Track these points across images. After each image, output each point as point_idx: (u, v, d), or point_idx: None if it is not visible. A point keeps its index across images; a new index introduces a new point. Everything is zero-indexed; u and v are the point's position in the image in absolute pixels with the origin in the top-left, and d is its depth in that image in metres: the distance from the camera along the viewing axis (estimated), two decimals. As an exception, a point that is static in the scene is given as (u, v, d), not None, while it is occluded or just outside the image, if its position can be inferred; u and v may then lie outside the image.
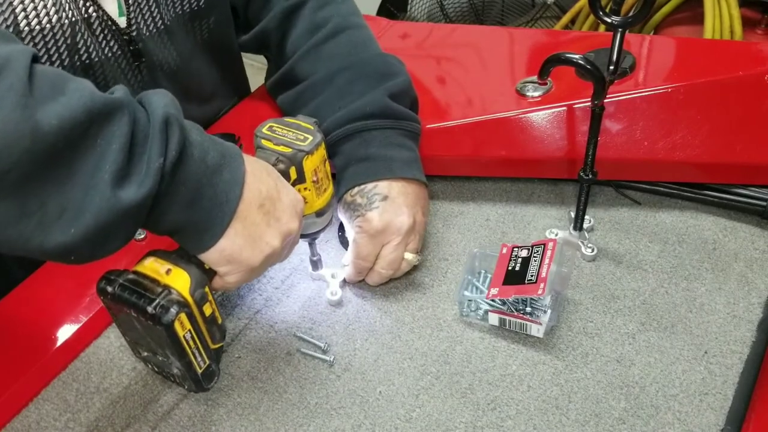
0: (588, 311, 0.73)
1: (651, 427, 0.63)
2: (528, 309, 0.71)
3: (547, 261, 0.70)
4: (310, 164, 0.66)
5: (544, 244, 0.72)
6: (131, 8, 0.77)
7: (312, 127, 0.68)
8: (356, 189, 0.76)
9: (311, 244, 0.76)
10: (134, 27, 0.78)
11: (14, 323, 0.71)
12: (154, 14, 0.79)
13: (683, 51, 0.92)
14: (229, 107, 0.99)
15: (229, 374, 0.70)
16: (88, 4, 0.73)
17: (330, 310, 0.76)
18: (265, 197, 0.60)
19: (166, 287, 0.58)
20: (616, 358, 0.69)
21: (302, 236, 0.71)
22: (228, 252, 0.59)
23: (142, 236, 0.76)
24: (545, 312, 0.70)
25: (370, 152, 0.77)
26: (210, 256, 0.59)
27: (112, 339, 0.71)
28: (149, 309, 0.56)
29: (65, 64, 0.73)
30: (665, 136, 0.81)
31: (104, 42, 0.76)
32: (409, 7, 1.92)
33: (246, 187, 0.59)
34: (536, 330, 0.70)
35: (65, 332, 0.70)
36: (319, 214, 0.71)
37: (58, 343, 0.69)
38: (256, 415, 0.67)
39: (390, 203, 0.74)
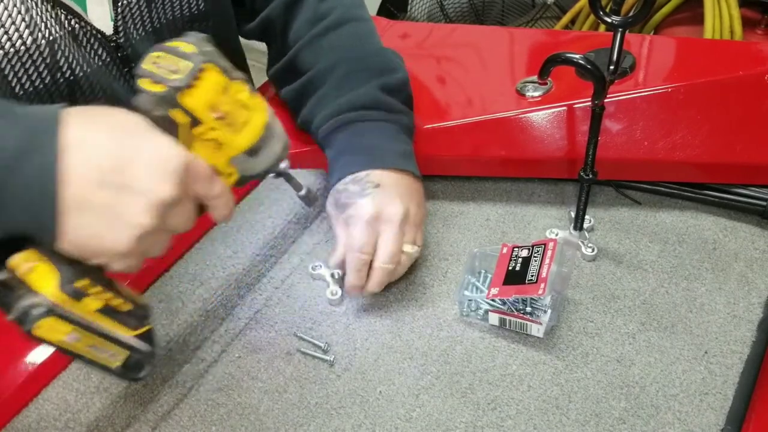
0: (588, 311, 0.73)
1: (651, 426, 0.63)
2: (528, 309, 0.71)
3: (547, 261, 0.70)
4: (195, 100, 0.51)
5: (545, 244, 0.72)
6: (119, 15, 0.75)
7: (192, 49, 0.52)
8: (349, 178, 0.75)
9: (288, 178, 0.64)
10: (122, 33, 0.76)
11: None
12: (144, 18, 0.78)
13: (683, 51, 0.92)
14: None
15: (229, 374, 0.70)
16: (69, 17, 0.71)
17: (330, 310, 0.76)
18: (109, 170, 0.48)
19: (25, 290, 0.50)
20: (617, 358, 0.69)
21: (253, 178, 0.59)
22: (82, 245, 0.50)
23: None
24: (545, 312, 0.70)
25: (363, 143, 0.77)
26: (69, 251, 0.51)
27: (112, 339, 0.71)
28: (9, 318, 0.50)
29: (46, 82, 0.71)
30: (665, 136, 0.80)
31: (92, 52, 0.75)
32: (409, 7, 1.92)
33: (70, 168, 0.47)
34: (536, 330, 0.70)
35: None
36: (252, 152, 0.56)
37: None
38: (256, 415, 0.67)
39: (382, 191, 0.74)
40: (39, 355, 0.67)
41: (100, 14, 0.74)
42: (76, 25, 0.72)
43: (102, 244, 0.50)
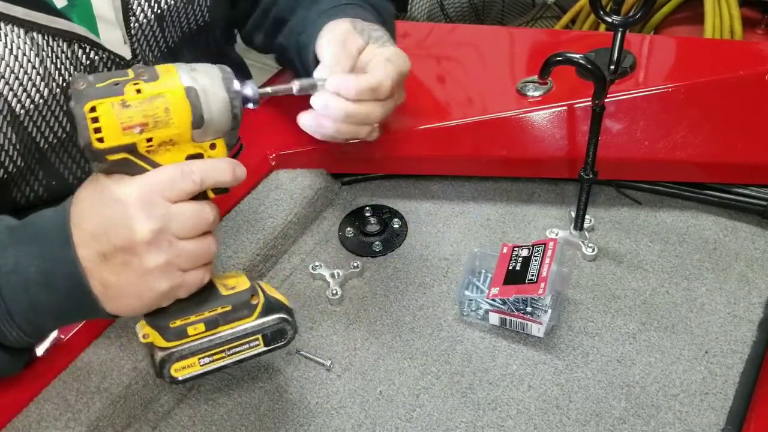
0: (588, 311, 0.73)
1: (651, 426, 0.63)
2: (528, 309, 0.71)
3: (547, 261, 0.70)
4: (109, 141, 0.50)
5: (545, 244, 0.72)
6: (134, 37, 0.75)
7: (73, 103, 0.49)
8: (377, 24, 0.75)
9: (278, 92, 0.63)
10: (139, 56, 0.76)
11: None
12: (158, 38, 0.78)
13: (683, 51, 0.92)
14: None
15: (229, 374, 0.70)
16: (88, 51, 0.71)
17: (330, 310, 0.76)
18: (111, 249, 0.51)
19: (152, 350, 0.59)
20: (617, 358, 0.69)
21: (232, 132, 0.56)
22: (138, 311, 0.55)
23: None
24: (546, 312, 0.70)
25: (347, 12, 0.76)
26: (135, 314, 0.56)
27: (112, 339, 0.71)
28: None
29: (68, 131, 0.72)
30: (666, 136, 0.80)
31: None
32: (409, 7, 1.92)
33: (83, 261, 0.52)
34: (537, 330, 0.70)
35: (65, 332, 0.69)
36: (197, 124, 0.52)
37: (59, 343, 0.68)
38: (257, 415, 0.67)
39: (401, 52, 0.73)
40: (39, 354, 0.67)
41: (113, 39, 0.73)
42: (95, 57, 0.71)
43: (142, 304, 0.54)
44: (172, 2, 0.78)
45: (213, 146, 0.55)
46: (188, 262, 0.54)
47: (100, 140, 0.50)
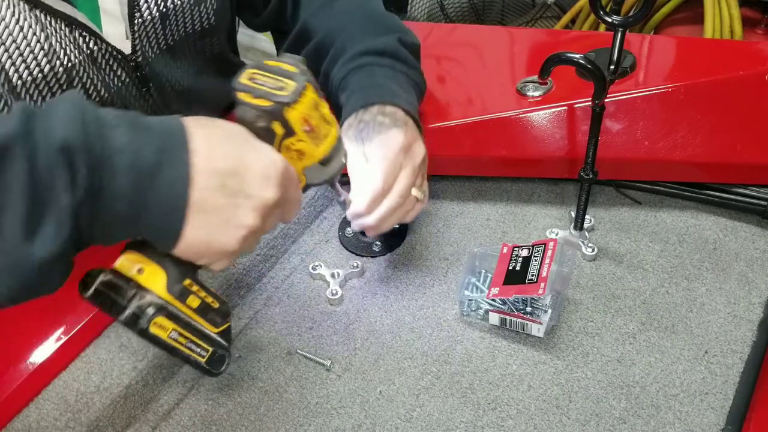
0: (588, 311, 0.73)
1: (651, 426, 0.63)
2: (528, 309, 0.71)
3: (547, 261, 0.70)
4: (296, 114, 0.57)
5: (545, 244, 0.72)
6: (137, 33, 0.75)
7: (295, 69, 0.58)
8: (377, 108, 0.72)
9: (334, 186, 0.68)
10: (139, 51, 0.76)
11: (15, 323, 0.71)
12: (159, 36, 0.78)
13: (683, 51, 0.92)
14: None
15: (229, 374, 0.70)
16: (88, 39, 0.71)
17: (330, 310, 0.76)
18: (226, 174, 0.52)
19: (138, 289, 0.54)
20: (617, 358, 0.69)
21: (314, 185, 0.64)
22: (196, 246, 0.53)
23: (142, 236, 0.76)
24: (546, 311, 0.70)
25: (375, 81, 0.76)
26: (180, 253, 0.54)
27: (112, 339, 0.71)
28: (121, 318, 0.53)
29: None
30: (666, 136, 0.80)
31: (111, 73, 0.75)
32: (409, 7, 1.92)
33: (196, 175, 0.50)
34: (537, 330, 0.70)
35: (66, 332, 0.69)
36: (325, 161, 0.62)
37: (59, 343, 0.69)
38: (257, 415, 0.67)
39: (409, 129, 0.72)
40: (39, 355, 0.67)
41: (115, 34, 0.74)
42: (95, 47, 0.72)
43: (212, 245, 0.53)
44: (179, 2, 0.78)
45: (301, 181, 0.62)
46: (255, 242, 0.58)
47: (292, 109, 0.56)
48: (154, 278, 0.55)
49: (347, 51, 0.80)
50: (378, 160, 0.69)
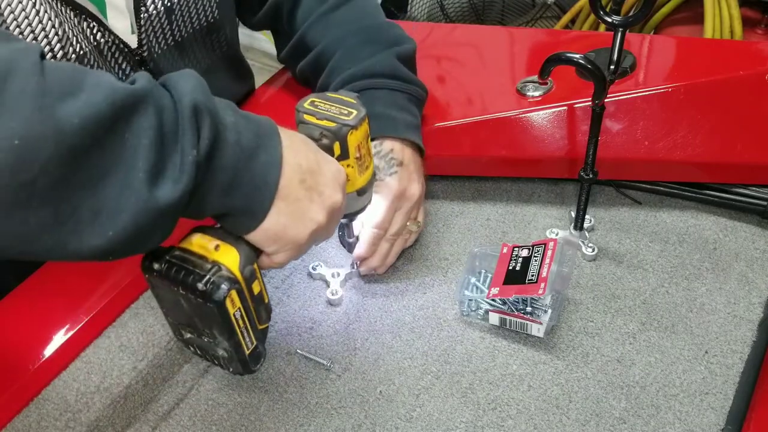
0: (588, 311, 0.73)
1: (651, 426, 0.63)
2: (528, 309, 0.71)
3: (547, 261, 0.70)
4: (354, 139, 0.63)
5: (545, 244, 0.72)
6: (143, 27, 0.75)
7: (355, 101, 0.65)
8: (374, 144, 0.75)
9: (348, 225, 0.75)
10: (145, 46, 0.76)
11: (15, 323, 0.71)
12: (166, 31, 0.78)
13: (683, 51, 0.92)
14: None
15: (229, 374, 0.70)
16: (96, 31, 0.71)
17: (330, 310, 0.76)
18: (306, 171, 0.57)
19: (216, 263, 0.56)
20: (617, 358, 0.69)
21: (346, 214, 0.69)
22: (273, 231, 0.57)
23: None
24: (546, 311, 0.70)
25: (375, 110, 0.76)
26: (255, 237, 0.57)
27: (112, 339, 0.71)
28: (200, 286, 0.54)
29: None
30: (666, 136, 0.80)
31: (116, 67, 0.75)
32: (409, 7, 1.92)
33: (285, 165, 0.56)
34: (537, 330, 0.70)
35: (66, 332, 0.69)
36: (361, 192, 0.68)
37: (59, 343, 0.69)
38: (257, 415, 0.67)
39: (405, 170, 0.75)
40: (39, 355, 0.67)
41: (121, 27, 0.74)
42: (101, 39, 0.72)
43: (287, 232, 0.58)
44: None
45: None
46: (328, 234, 0.63)
47: (353, 133, 0.63)
48: (228, 256, 0.57)
49: (345, 70, 0.81)
50: (372, 205, 0.73)
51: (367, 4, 0.89)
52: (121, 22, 0.74)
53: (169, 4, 0.77)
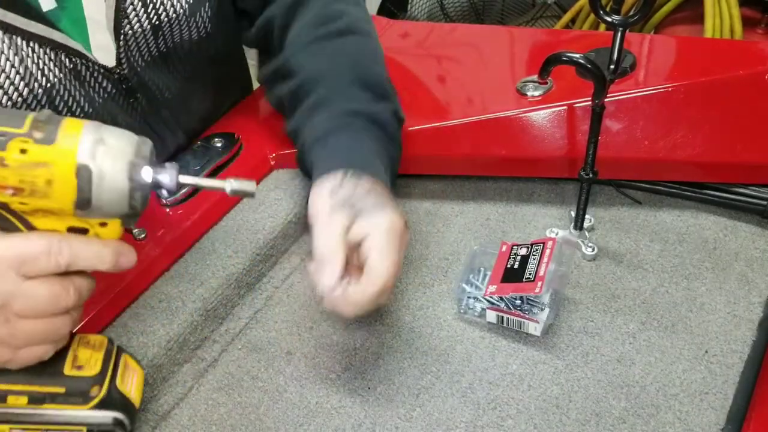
0: (588, 310, 0.73)
1: (651, 426, 0.63)
2: (525, 307, 0.71)
3: (545, 260, 0.70)
4: None
5: (543, 243, 0.72)
6: (121, 46, 0.73)
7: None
8: (370, 181, 0.65)
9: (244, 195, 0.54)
10: (125, 63, 0.74)
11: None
12: (150, 45, 0.76)
13: (683, 50, 0.92)
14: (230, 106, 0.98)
15: (229, 374, 0.70)
16: (73, 58, 0.70)
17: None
18: None
19: None
20: (617, 358, 0.69)
21: (130, 216, 0.49)
22: None
23: (143, 236, 0.76)
24: (543, 310, 0.70)
25: (364, 151, 0.72)
26: None
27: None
28: None
29: None
30: (666, 136, 0.80)
31: (97, 86, 0.74)
32: (409, 6, 1.92)
33: None
34: (533, 328, 0.70)
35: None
36: (82, 205, 0.47)
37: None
38: (256, 414, 0.67)
39: (396, 204, 0.66)
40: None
41: (103, 42, 0.72)
42: (78, 62, 0.71)
43: None
44: (174, 15, 0.76)
45: (103, 224, 0.49)
46: (25, 342, 0.50)
47: None
48: None
49: (334, 102, 0.75)
50: (382, 247, 0.61)
51: (367, 44, 0.82)
52: (103, 37, 0.72)
53: (156, 22, 0.75)
